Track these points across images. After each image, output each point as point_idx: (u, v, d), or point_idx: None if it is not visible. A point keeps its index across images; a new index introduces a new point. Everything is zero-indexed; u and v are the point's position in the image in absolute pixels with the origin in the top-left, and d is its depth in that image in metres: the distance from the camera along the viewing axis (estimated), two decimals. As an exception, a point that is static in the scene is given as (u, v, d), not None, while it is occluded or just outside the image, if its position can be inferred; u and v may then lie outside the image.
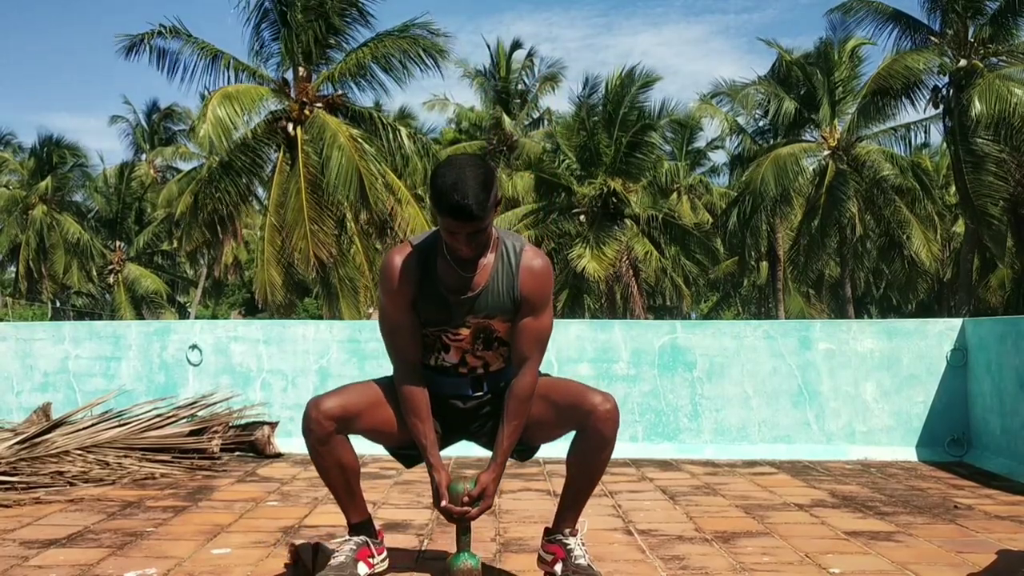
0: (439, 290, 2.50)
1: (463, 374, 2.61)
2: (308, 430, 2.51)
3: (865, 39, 24.28)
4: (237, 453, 5.19)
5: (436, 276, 2.51)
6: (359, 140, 17.96)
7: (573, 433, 2.60)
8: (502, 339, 2.58)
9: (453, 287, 2.50)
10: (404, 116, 30.66)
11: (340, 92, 19.15)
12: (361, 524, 2.66)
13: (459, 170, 2.33)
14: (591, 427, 2.51)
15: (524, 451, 2.72)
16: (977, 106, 19.75)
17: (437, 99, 33.81)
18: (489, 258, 2.50)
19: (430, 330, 2.56)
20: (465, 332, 2.54)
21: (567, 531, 2.66)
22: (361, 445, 2.61)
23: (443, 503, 2.50)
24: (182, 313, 38.76)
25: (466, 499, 2.50)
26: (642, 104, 24.78)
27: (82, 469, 4.30)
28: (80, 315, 37.63)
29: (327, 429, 2.49)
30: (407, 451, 2.66)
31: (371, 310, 19.76)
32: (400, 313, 2.54)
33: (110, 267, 34.93)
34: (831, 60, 24.94)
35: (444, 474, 2.52)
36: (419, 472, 4.67)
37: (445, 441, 2.68)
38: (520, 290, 2.52)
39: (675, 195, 29.78)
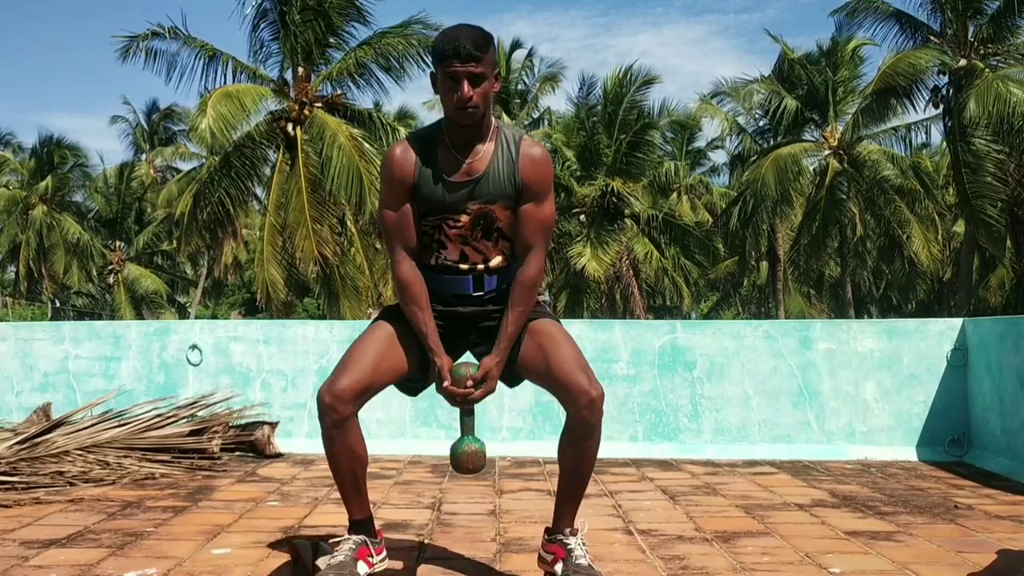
0: (439, 176, 2.54)
1: (464, 271, 2.60)
2: (325, 416, 2.51)
3: (867, 39, 24.32)
4: (237, 453, 5.19)
5: (436, 162, 2.55)
6: (359, 140, 17.95)
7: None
8: (502, 231, 2.59)
9: (453, 172, 2.54)
10: (404, 116, 30.64)
11: (339, 92, 19.15)
12: (362, 521, 2.66)
13: (457, 25, 2.50)
14: (575, 413, 2.52)
15: (513, 378, 2.71)
16: (976, 107, 19.75)
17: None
18: (488, 146, 2.55)
19: (430, 219, 2.58)
20: (465, 219, 2.56)
21: (567, 531, 2.65)
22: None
23: (446, 384, 2.51)
24: (182, 313, 38.76)
25: (469, 382, 2.51)
26: (641, 104, 24.80)
27: (82, 469, 4.30)
28: (80, 315, 37.64)
29: (343, 413, 2.51)
30: (412, 383, 2.68)
31: (371, 310, 19.75)
32: (400, 201, 2.57)
33: (110, 267, 34.94)
34: (833, 59, 24.97)
35: (446, 359, 2.54)
36: (419, 472, 4.69)
37: (448, 353, 2.64)
38: (521, 176, 2.55)
39: (675, 195, 29.79)
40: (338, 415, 2.50)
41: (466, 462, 2.54)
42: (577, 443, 2.57)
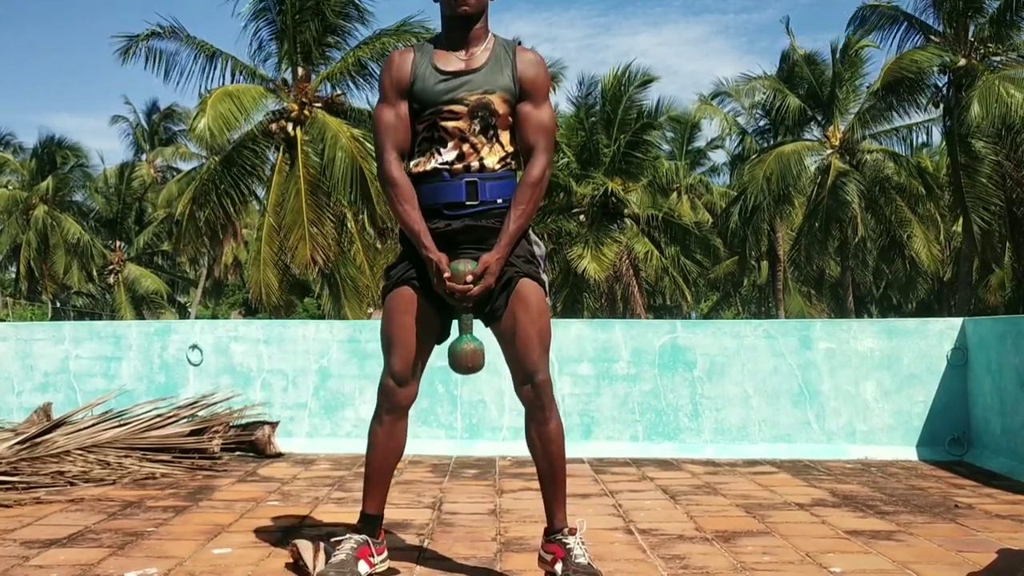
0: (437, 69, 2.60)
1: (457, 172, 2.58)
2: (386, 397, 2.58)
3: (869, 42, 24.32)
4: (238, 453, 5.19)
5: (433, 61, 2.62)
6: (361, 141, 17.94)
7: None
8: (499, 129, 2.60)
9: (450, 66, 2.60)
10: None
11: (339, 92, 19.15)
12: (372, 518, 2.66)
13: None
14: (518, 391, 2.60)
15: (487, 316, 2.67)
16: (977, 109, 19.75)
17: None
18: (485, 44, 2.63)
19: (427, 116, 2.60)
20: (463, 110, 2.58)
21: (567, 530, 2.65)
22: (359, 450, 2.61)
23: (445, 276, 2.51)
24: (182, 313, 38.75)
25: (469, 277, 2.51)
26: (640, 103, 24.80)
27: (83, 469, 4.30)
28: (80, 315, 37.65)
29: (403, 404, 2.60)
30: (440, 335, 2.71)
31: (371, 310, 19.75)
32: (396, 99, 2.62)
33: (110, 267, 34.93)
34: (842, 58, 24.98)
35: (443, 256, 2.54)
36: (420, 472, 4.69)
37: (444, 318, 2.66)
38: (519, 72, 2.61)
39: (675, 195, 29.78)
40: (398, 398, 2.58)
41: (465, 360, 2.54)
42: (534, 425, 2.61)
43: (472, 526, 3.43)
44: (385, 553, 2.71)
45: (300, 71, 18.87)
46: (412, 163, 2.65)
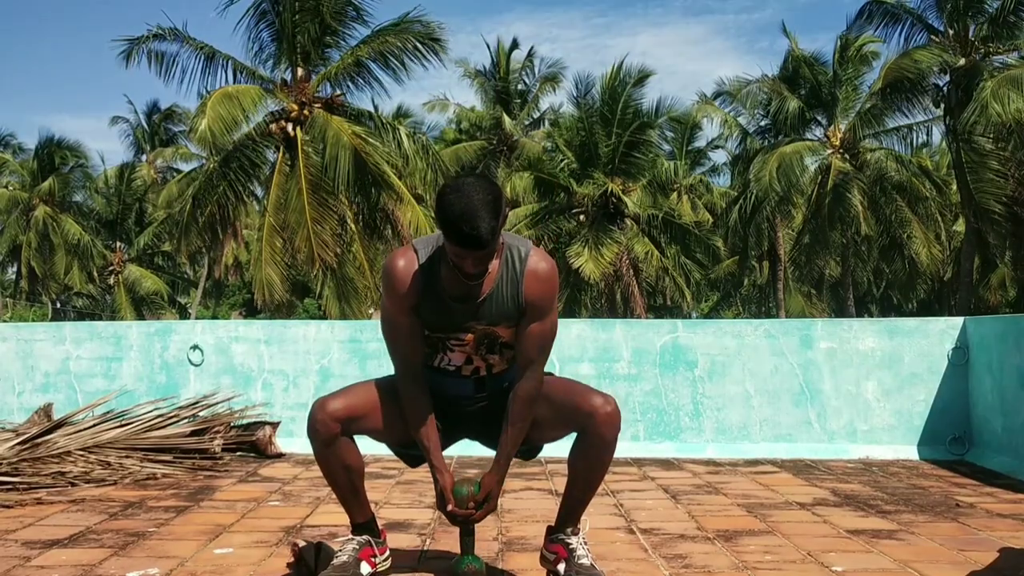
0: (442, 297, 2.47)
1: (467, 376, 2.59)
2: (314, 432, 2.50)
3: (872, 38, 24.33)
4: (239, 453, 5.19)
5: (439, 283, 2.46)
6: (363, 136, 17.93)
7: (575, 434, 2.60)
8: (506, 344, 2.56)
9: (457, 295, 2.46)
10: (401, 115, 30.61)
11: (339, 92, 19.15)
12: (365, 524, 2.66)
13: (467, 198, 2.25)
14: (591, 430, 2.50)
15: (528, 451, 2.72)
16: (980, 108, 19.74)
17: (437, 99, 33.78)
18: (494, 264, 2.45)
19: (434, 335, 2.55)
20: (469, 337, 2.53)
21: (569, 530, 2.65)
22: (363, 444, 2.61)
23: (449, 507, 2.50)
24: (182, 314, 38.74)
25: (471, 504, 2.51)
26: (638, 102, 24.80)
27: (84, 469, 4.30)
28: (80, 316, 37.63)
29: (333, 431, 2.49)
30: (412, 451, 2.66)
31: (372, 310, 19.75)
32: (402, 316, 2.50)
33: (110, 268, 34.92)
34: (838, 58, 24.98)
35: (448, 476, 2.52)
36: (421, 472, 4.67)
37: (447, 440, 2.68)
38: (525, 296, 2.47)
39: (675, 194, 29.76)
40: (328, 432, 2.49)
41: None
42: (593, 457, 2.57)
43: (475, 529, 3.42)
44: (387, 553, 2.71)
45: (300, 71, 18.87)
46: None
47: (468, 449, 5.52)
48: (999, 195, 21.09)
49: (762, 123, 27.99)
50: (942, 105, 22.35)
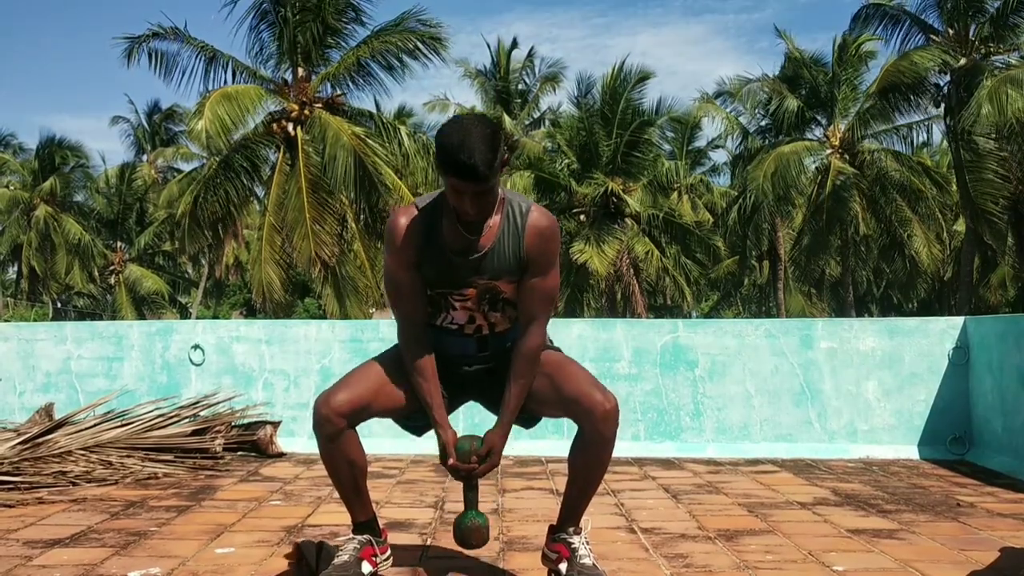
0: (444, 252, 2.48)
1: (469, 334, 2.59)
2: (319, 427, 2.50)
3: (871, 36, 24.32)
4: (240, 453, 5.19)
5: (441, 238, 2.47)
6: (363, 138, 17.94)
7: (576, 430, 2.60)
8: (508, 300, 2.56)
9: (458, 249, 2.47)
10: (404, 115, 30.62)
11: (339, 92, 19.15)
12: (366, 523, 2.66)
13: (465, 129, 2.29)
14: (590, 427, 2.50)
15: (528, 419, 2.71)
16: (981, 108, 19.74)
17: (438, 100, 33.79)
18: (495, 219, 2.47)
19: (435, 290, 2.56)
20: (471, 292, 2.53)
21: (571, 530, 2.65)
22: (363, 444, 2.61)
23: (451, 461, 2.50)
24: (183, 314, 38.75)
25: (474, 458, 2.51)
26: (638, 102, 24.80)
27: (85, 469, 4.31)
28: (81, 316, 37.63)
29: (338, 426, 2.49)
30: (416, 422, 2.66)
31: (373, 310, 19.75)
32: (404, 272, 2.52)
33: (111, 268, 34.94)
34: (836, 58, 24.98)
35: (451, 432, 2.53)
36: (422, 471, 4.69)
37: (451, 405, 2.67)
38: (526, 251, 2.49)
39: (675, 194, 29.77)
40: (333, 428, 2.49)
41: (470, 538, 2.56)
42: (592, 454, 2.57)
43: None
44: (388, 552, 2.71)
45: (300, 71, 18.88)
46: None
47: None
48: (996, 196, 21.08)
49: (763, 123, 28.00)
50: (942, 105, 22.35)
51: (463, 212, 2.37)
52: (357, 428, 2.55)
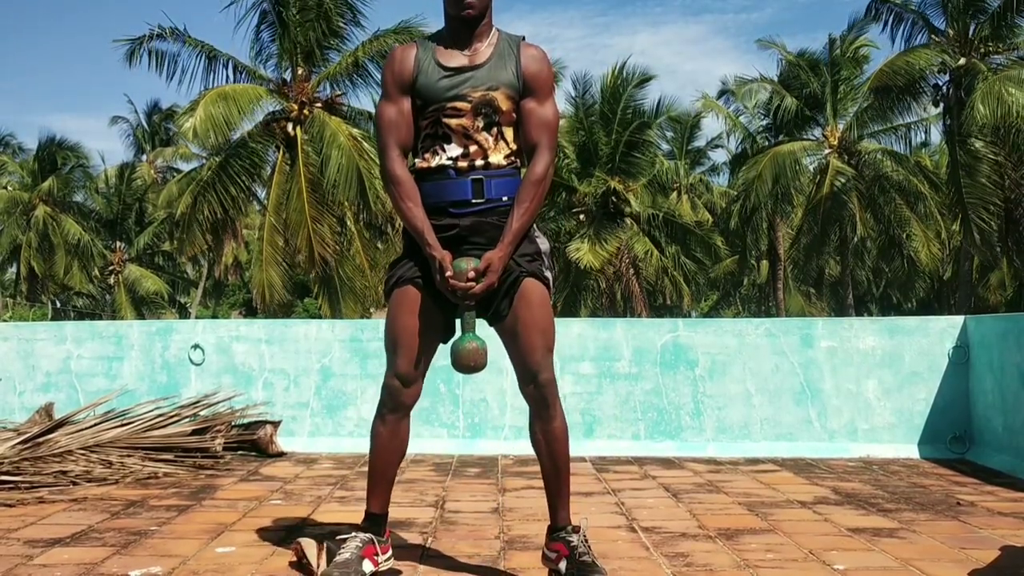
0: (439, 65, 2.60)
1: (464, 169, 2.58)
2: (390, 396, 2.58)
3: (867, 41, 24.37)
4: (240, 452, 5.19)
5: (436, 56, 2.61)
6: (359, 140, 17.96)
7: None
8: (503, 126, 2.60)
9: (454, 66, 2.59)
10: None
11: (339, 92, 19.16)
12: (377, 517, 2.66)
13: None
14: (523, 390, 2.60)
15: (492, 316, 2.66)
16: (978, 109, 19.73)
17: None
18: (489, 40, 2.63)
19: (431, 112, 2.59)
20: (466, 107, 2.57)
21: (570, 528, 2.65)
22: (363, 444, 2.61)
23: (447, 274, 2.50)
24: (183, 314, 38.75)
25: (471, 275, 2.50)
26: (638, 102, 24.80)
27: (85, 468, 4.31)
28: (81, 316, 37.59)
29: (407, 403, 2.59)
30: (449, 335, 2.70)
31: (372, 309, 19.74)
32: (399, 95, 2.61)
33: (111, 268, 34.92)
34: (835, 58, 25.00)
35: (445, 252, 2.53)
36: (422, 471, 4.69)
37: (450, 317, 2.66)
38: (523, 68, 2.61)
39: (675, 194, 29.78)
40: (402, 398, 2.57)
41: (467, 359, 2.53)
42: (539, 424, 2.61)
43: (475, 524, 3.43)
44: (390, 552, 2.71)
45: (300, 71, 18.88)
46: (417, 160, 2.65)
47: (469, 448, 5.54)
48: (988, 203, 21.09)
49: (763, 122, 28.01)
50: (941, 105, 22.35)
51: (467, 2, 2.53)
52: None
